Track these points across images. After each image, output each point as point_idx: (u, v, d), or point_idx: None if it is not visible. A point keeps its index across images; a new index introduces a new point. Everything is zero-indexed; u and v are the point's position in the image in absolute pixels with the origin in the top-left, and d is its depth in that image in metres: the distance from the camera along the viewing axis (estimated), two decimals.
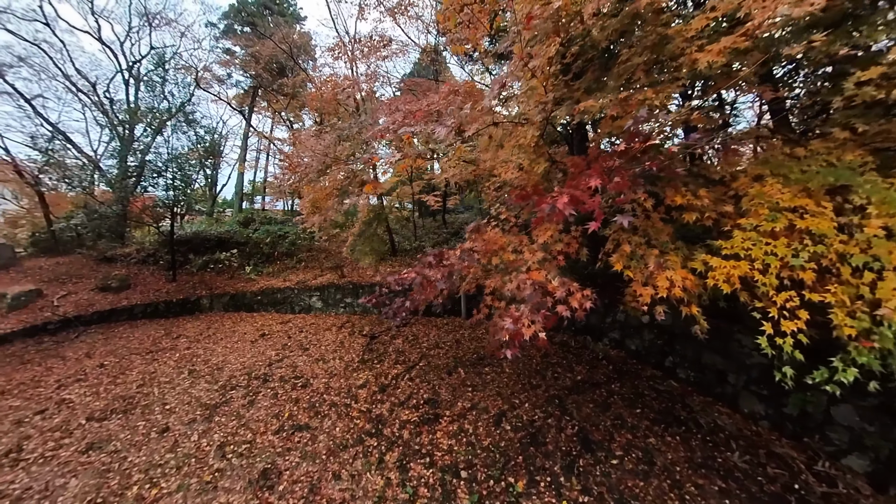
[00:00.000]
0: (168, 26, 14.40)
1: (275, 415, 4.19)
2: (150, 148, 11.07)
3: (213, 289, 9.75)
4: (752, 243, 2.21)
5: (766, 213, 2.24)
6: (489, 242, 2.72)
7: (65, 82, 12.55)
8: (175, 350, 6.65)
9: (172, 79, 13.38)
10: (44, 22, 12.19)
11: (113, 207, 10.44)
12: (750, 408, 3.67)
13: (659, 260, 2.45)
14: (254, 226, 12.90)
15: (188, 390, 5.00)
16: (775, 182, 2.29)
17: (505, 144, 3.23)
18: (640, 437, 3.46)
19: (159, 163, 10.33)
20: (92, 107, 12.89)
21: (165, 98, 12.49)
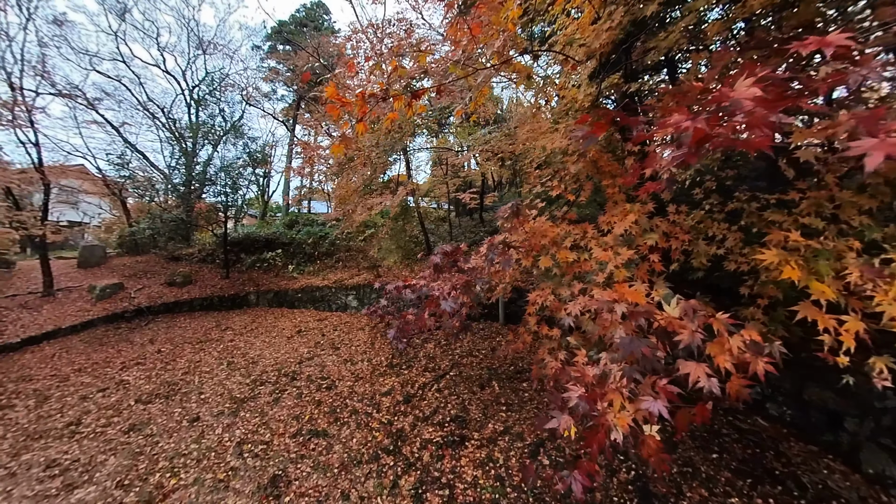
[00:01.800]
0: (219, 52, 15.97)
1: (296, 416, 4.05)
2: (210, 160, 12.24)
3: (260, 286, 10.28)
4: None
5: None
6: (534, 234, 1.88)
7: (141, 109, 14.53)
8: (220, 341, 6.97)
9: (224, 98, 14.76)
10: (122, 61, 14.20)
11: (174, 212, 11.66)
12: (877, 468, 2.74)
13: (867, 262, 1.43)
14: (297, 228, 13.53)
15: (223, 382, 5.10)
16: None
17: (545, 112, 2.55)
18: (718, 494, 2.71)
19: (211, 172, 11.33)
20: (163, 128, 14.65)
21: (221, 114, 13.79)
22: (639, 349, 1.19)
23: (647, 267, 1.65)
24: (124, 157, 12.52)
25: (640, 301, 1.32)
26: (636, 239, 1.70)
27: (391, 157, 9.18)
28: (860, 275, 1.36)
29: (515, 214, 1.87)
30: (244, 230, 13.62)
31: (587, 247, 1.76)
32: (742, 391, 1.23)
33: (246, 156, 12.54)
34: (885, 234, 1.56)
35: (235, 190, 11.66)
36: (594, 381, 1.28)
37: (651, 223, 1.74)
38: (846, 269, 1.41)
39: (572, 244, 1.79)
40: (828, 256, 1.47)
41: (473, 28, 1.59)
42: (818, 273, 1.44)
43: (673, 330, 1.25)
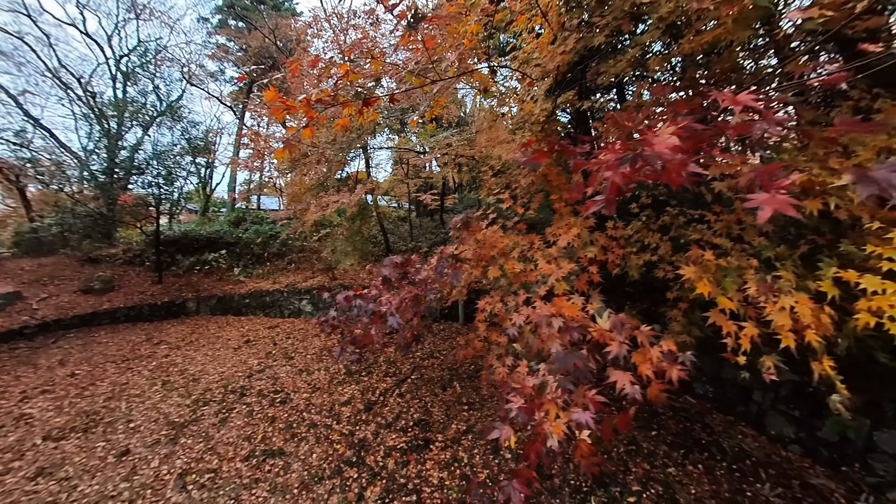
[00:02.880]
0: (156, 19, 13.89)
1: (247, 437, 3.76)
2: (139, 145, 10.65)
3: (200, 291, 9.33)
4: None
5: None
6: (484, 244, 1.98)
7: (50, 77, 12.11)
8: (153, 358, 6.23)
9: (160, 73, 12.91)
10: (26, 14, 11.73)
11: (92, 205, 9.99)
12: (778, 430, 3.27)
13: (762, 278, 1.70)
14: (245, 226, 12.46)
15: (158, 405, 4.57)
16: None
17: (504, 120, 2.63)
18: (658, 466, 3.03)
19: (140, 159, 9.87)
20: (79, 102, 12.40)
21: (155, 92, 12.04)
22: (572, 362, 1.31)
23: (587, 278, 1.82)
24: (24, 135, 10.39)
25: (575, 315, 1.45)
26: (577, 251, 1.84)
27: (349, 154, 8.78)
28: (756, 289, 1.66)
29: (466, 227, 1.92)
30: (181, 227, 12.13)
31: (533, 258, 1.86)
32: (660, 396, 1.41)
33: (184, 142, 11.06)
34: (777, 253, 1.88)
35: (170, 181, 10.24)
36: (533, 391, 1.37)
37: (592, 237, 1.90)
38: (746, 284, 1.70)
39: (519, 255, 1.88)
40: (732, 274, 1.78)
41: (427, 40, 1.55)
42: (724, 288, 1.74)
43: (604, 342, 1.40)
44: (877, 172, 0.67)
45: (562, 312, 1.46)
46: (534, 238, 1.90)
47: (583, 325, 1.42)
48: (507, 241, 1.89)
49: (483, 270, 1.88)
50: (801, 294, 1.62)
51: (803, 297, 1.61)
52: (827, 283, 1.66)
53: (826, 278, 1.67)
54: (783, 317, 1.58)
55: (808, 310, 1.57)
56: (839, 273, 1.66)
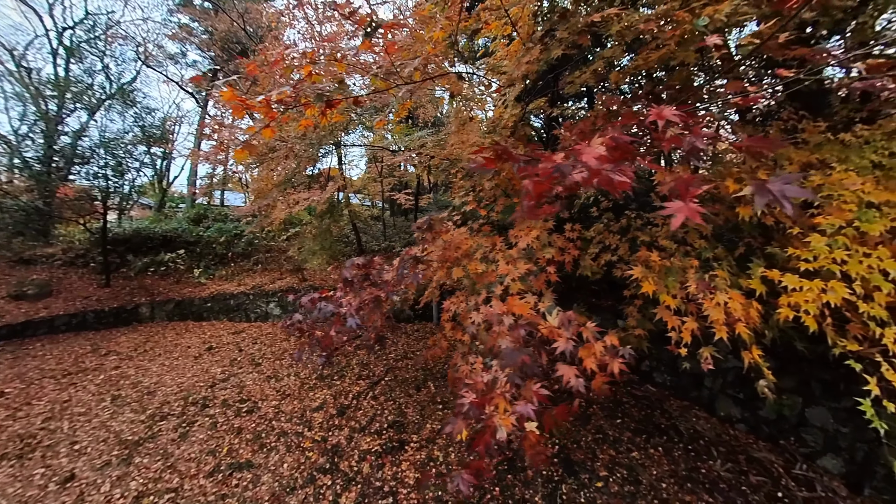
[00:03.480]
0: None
1: (211, 451, 3.56)
2: (84, 131, 9.51)
3: (155, 295, 8.66)
4: (846, 253, 1.67)
5: (853, 210, 1.73)
6: (450, 246, 2.02)
7: None
8: (100, 371, 5.71)
9: (111, 52, 11.57)
10: None
11: (24, 198, 8.86)
12: (726, 411, 3.58)
13: (701, 277, 1.86)
14: (206, 223, 11.68)
15: (107, 423, 4.21)
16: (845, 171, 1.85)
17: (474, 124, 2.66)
18: (623, 452, 3.22)
19: (84, 146, 8.82)
20: (9, 79, 10.86)
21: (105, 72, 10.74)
22: (519, 358, 1.36)
23: (545, 278, 1.91)
24: None
25: (525, 313, 1.51)
26: (536, 252, 1.94)
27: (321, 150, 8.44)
28: (695, 287, 1.83)
29: (430, 229, 1.94)
30: (133, 225, 11.06)
31: (495, 259, 1.93)
32: (603, 388, 1.52)
33: (138, 130, 10.00)
34: (715, 254, 2.08)
35: (120, 173, 9.23)
36: (485, 387, 1.43)
37: (550, 239, 2.01)
38: (688, 283, 1.87)
39: (482, 256, 1.96)
40: (675, 274, 1.94)
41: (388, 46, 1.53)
42: (667, 286, 1.91)
43: (553, 338, 1.48)
44: (773, 185, 0.73)
45: (513, 311, 1.53)
46: (496, 240, 2.00)
47: (531, 322, 1.49)
48: (472, 242, 1.95)
49: (448, 271, 1.92)
50: (734, 291, 1.81)
51: (736, 293, 1.79)
52: (756, 281, 1.85)
53: (755, 277, 1.86)
54: (717, 311, 1.76)
55: (739, 305, 1.74)
56: (765, 272, 1.84)
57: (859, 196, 1.75)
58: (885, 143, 1.90)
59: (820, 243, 1.73)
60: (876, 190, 1.75)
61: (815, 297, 1.66)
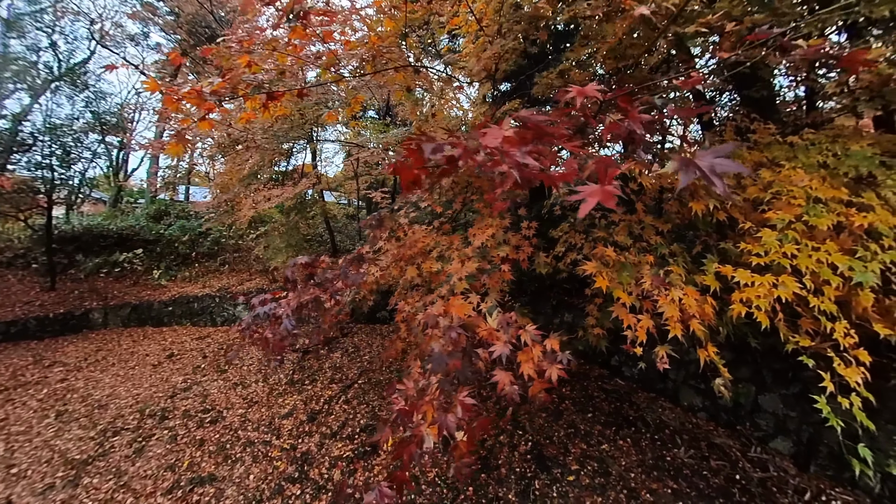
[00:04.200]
0: None
1: (169, 466, 3.34)
2: (25, 114, 8.50)
3: (109, 299, 8.03)
4: (795, 248, 1.67)
5: (801, 205, 1.73)
6: (406, 244, 1.96)
7: None
8: (44, 384, 5.23)
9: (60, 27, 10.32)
10: None
11: None
12: (689, 401, 3.75)
13: (656, 273, 1.83)
14: (168, 220, 10.94)
15: (51, 441, 3.86)
16: (794, 169, 1.87)
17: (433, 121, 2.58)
18: (593, 444, 3.31)
19: (26, 132, 7.87)
20: None
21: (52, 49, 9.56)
22: (446, 363, 1.28)
23: (499, 276, 1.84)
24: None
25: (461, 314, 1.43)
26: (491, 251, 1.89)
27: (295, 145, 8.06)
28: (650, 283, 1.79)
29: (379, 225, 1.87)
30: (84, 221, 10.11)
31: (450, 257, 1.86)
32: (540, 395, 1.40)
33: (90, 116, 9.04)
34: (671, 250, 2.07)
35: (68, 163, 8.32)
36: (415, 394, 1.35)
37: (505, 237, 1.95)
38: (643, 279, 1.83)
39: (438, 255, 1.88)
40: (629, 269, 1.91)
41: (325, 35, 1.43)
42: (622, 282, 1.87)
43: (491, 341, 1.39)
44: (701, 160, 0.63)
45: (452, 311, 1.44)
46: (454, 238, 1.93)
47: (466, 324, 1.40)
48: (429, 241, 1.88)
49: (401, 270, 1.84)
50: (689, 287, 1.80)
51: (691, 289, 1.78)
52: (710, 277, 1.85)
53: (709, 273, 1.87)
54: (672, 308, 1.73)
55: (693, 301, 1.73)
56: (719, 268, 1.84)
57: (807, 192, 1.78)
58: (829, 146, 1.97)
59: (770, 238, 1.73)
60: (822, 186, 1.79)
61: (767, 293, 1.66)
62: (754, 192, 1.92)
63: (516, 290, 5.09)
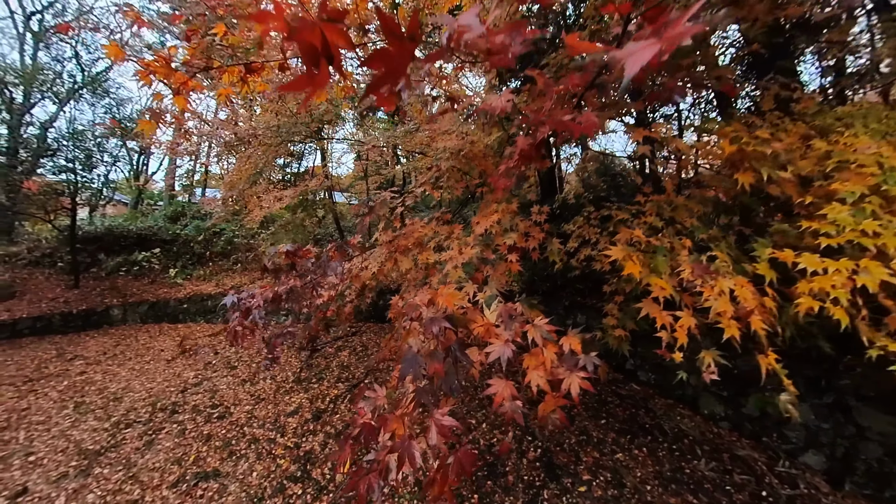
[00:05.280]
0: None
1: (177, 459, 3.35)
2: (52, 121, 8.98)
3: (128, 296, 8.29)
4: (877, 224, 1.31)
5: (876, 174, 1.39)
6: (402, 236, 1.77)
7: None
8: (64, 376, 5.40)
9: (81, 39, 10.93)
10: None
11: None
12: (710, 409, 3.54)
13: (697, 259, 1.49)
14: (184, 221, 11.27)
15: (67, 432, 3.95)
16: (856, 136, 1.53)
17: None
18: (607, 453, 3.14)
19: (52, 138, 8.30)
20: None
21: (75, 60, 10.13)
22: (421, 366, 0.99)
23: (505, 268, 1.57)
24: None
25: (450, 304, 1.12)
26: (496, 238, 1.62)
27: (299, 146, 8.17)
28: (691, 271, 1.45)
29: (370, 212, 1.75)
30: (105, 222, 10.56)
31: (450, 247, 1.64)
32: (553, 417, 1.02)
33: (109, 122, 9.52)
34: (710, 235, 1.74)
35: (90, 166, 8.73)
36: (386, 404, 1.08)
37: (513, 222, 1.68)
38: (680, 267, 1.50)
39: (436, 245, 1.67)
40: (664, 253, 1.58)
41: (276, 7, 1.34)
42: (656, 269, 1.54)
43: (488, 339, 1.09)
44: None
45: (437, 300, 1.13)
46: (455, 227, 1.71)
47: (454, 316, 1.07)
48: (427, 231, 1.72)
49: (395, 263, 1.69)
50: (739, 277, 1.45)
51: (742, 279, 1.42)
52: (763, 264, 1.48)
53: (762, 260, 1.49)
54: (723, 302, 1.37)
55: (749, 293, 1.37)
56: (775, 253, 1.46)
57: (878, 160, 1.42)
58: (889, 113, 1.65)
59: (842, 213, 1.37)
60: (894, 154, 1.42)
61: (845, 282, 1.28)
62: (806, 166, 1.55)
63: (527, 289, 4.96)
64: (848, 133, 1.58)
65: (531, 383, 1.02)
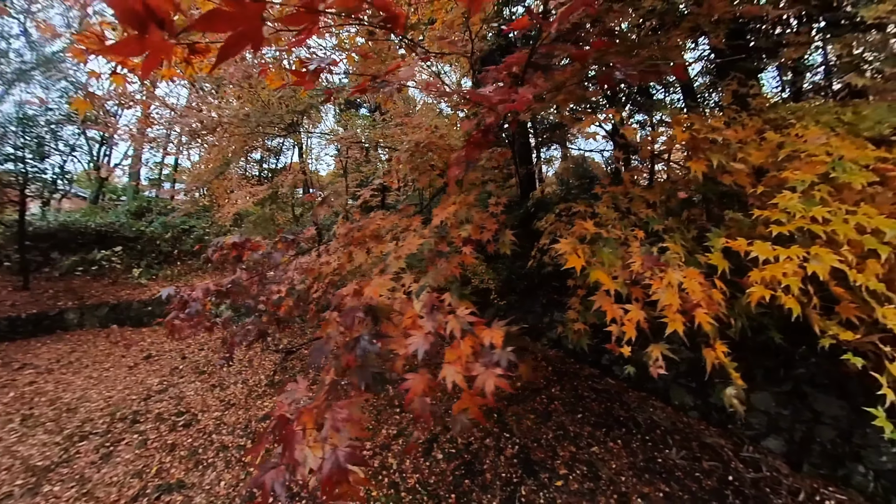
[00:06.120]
0: None
1: (137, 472, 3.15)
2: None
3: (86, 298, 7.74)
4: (826, 211, 1.33)
5: (825, 162, 1.41)
6: (358, 227, 1.72)
7: None
8: (10, 387, 4.97)
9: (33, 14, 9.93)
10: None
11: None
12: (680, 400, 3.68)
13: (648, 251, 1.48)
14: (150, 217, 10.61)
15: (12, 448, 3.63)
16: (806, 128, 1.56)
17: None
18: (583, 447, 3.20)
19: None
20: None
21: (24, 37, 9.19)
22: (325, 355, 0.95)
23: (459, 260, 1.50)
24: None
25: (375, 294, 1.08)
26: (451, 231, 1.57)
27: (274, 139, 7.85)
28: (641, 263, 1.43)
29: (322, 203, 1.69)
30: (60, 217, 9.69)
31: (405, 239, 1.56)
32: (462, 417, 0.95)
33: (67, 106, 8.68)
34: (665, 225, 1.73)
35: (41, 155, 7.96)
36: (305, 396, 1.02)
37: (468, 214, 1.62)
38: (631, 259, 1.48)
39: (393, 237, 1.60)
40: (612, 245, 1.55)
41: None
42: (603, 262, 1.51)
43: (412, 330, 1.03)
44: None
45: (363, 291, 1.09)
46: (414, 220, 1.66)
47: (374, 306, 1.03)
48: (385, 223, 1.67)
49: (349, 256, 1.62)
50: (690, 268, 1.43)
51: (693, 271, 1.41)
52: (716, 255, 1.47)
53: (715, 249, 1.48)
54: (670, 294, 1.34)
55: (697, 285, 1.35)
56: (728, 243, 1.46)
57: (827, 150, 1.46)
58: (838, 109, 1.71)
59: (792, 201, 1.39)
60: (844, 144, 1.46)
61: (797, 270, 1.29)
62: (759, 157, 1.58)
63: (505, 287, 4.99)
64: (799, 125, 1.63)
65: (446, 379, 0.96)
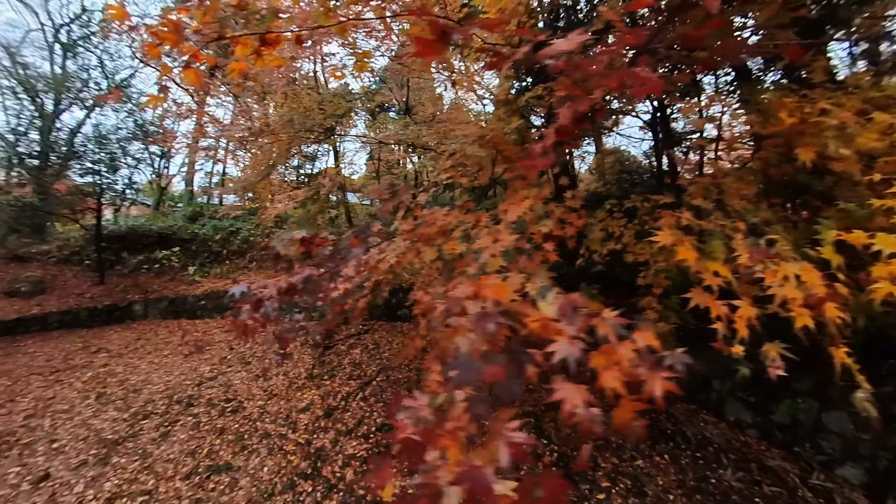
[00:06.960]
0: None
1: (190, 451, 3.39)
2: (80, 127, 9.47)
3: (149, 292, 8.56)
4: None
5: None
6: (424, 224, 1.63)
7: None
8: (88, 368, 5.58)
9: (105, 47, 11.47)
10: None
11: (18, 194, 8.79)
12: (736, 416, 3.36)
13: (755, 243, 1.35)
14: (202, 220, 11.59)
15: (89, 421, 4.06)
16: None
17: None
18: (626, 459, 3.01)
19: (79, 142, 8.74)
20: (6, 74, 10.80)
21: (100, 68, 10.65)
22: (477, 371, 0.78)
23: (542, 257, 1.44)
24: None
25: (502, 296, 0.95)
26: (530, 226, 1.47)
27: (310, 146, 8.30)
28: (749, 256, 1.30)
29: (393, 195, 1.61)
30: (128, 222, 11.04)
31: (478, 236, 1.43)
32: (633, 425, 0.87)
33: (132, 125, 9.93)
34: (763, 218, 1.60)
35: (113, 168, 9.15)
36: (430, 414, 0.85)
37: (546, 209, 1.56)
38: (735, 252, 1.35)
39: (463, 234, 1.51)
40: (720, 236, 1.41)
41: None
42: (712, 255, 1.38)
43: (547, 336, 0.90)
44: None
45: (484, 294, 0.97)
46: (481, 215, 1.56)
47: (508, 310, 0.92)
48: (451, 218, 1.62)
49: (418, 254, 1.59)
50: (804, 262, 1.29)
51: (807, 265, 1.26)
52: (827, 248, 1.31)
53: (826, 243, 1.32)
54: (790, 288, 1.21)
55: (817, 279, 1.21)
56: (841, 235, 1.30)
57: None
58: None
59: None
60: None
61: None
62: (868, 141, 1.41)
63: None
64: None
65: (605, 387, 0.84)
